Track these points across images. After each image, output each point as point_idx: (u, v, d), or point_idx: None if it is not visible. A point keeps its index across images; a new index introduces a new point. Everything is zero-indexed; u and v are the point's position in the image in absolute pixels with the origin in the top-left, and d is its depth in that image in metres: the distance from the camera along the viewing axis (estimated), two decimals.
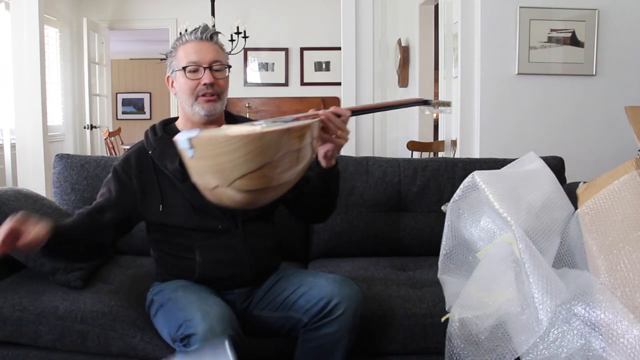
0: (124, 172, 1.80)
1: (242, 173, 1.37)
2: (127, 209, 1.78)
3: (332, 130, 1.63)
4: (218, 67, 1.77)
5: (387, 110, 1.90)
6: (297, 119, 1.57)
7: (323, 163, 1.72)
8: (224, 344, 1.42)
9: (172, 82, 1.81)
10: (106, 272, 2.07)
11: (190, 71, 1.75)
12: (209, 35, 1.77)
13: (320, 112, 1.62)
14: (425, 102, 1.90)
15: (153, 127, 1.88)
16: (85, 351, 1.80)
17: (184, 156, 1.43)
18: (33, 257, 1.89)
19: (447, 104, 1.93)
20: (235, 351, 1.51)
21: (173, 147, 1.79)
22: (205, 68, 1.75)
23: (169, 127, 1.88)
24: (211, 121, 1.81)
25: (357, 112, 1.75)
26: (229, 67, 1.81)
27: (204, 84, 1.74)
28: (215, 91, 1.76)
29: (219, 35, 1.84)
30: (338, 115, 1.64)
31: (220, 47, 1.82)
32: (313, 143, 1.52)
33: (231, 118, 1.93)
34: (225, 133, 1.39)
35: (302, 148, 1.45)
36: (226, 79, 1.80)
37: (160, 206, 1.76)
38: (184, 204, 1.76)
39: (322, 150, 1.69)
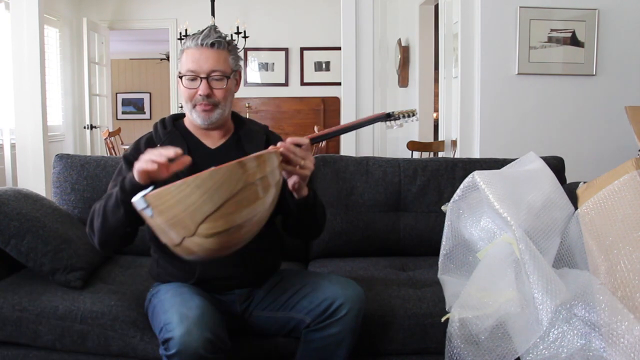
0: (135, 159, 1.77)
1: (202, 217, 1.33)
2: None
3: (293, 161, 1.58)
4: (217, 76, 1.73)
5: (348, 132, 1.84)
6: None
7: (294, 195, 1.68)
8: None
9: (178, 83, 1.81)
10: (106, 272, 2.07)
11: (188, 79, 1.74)
12: (209, 43, 1.72)
13: (279, 144, 1.57)
14: (387, 116, 1.82)
15: (163, 120, 1.88)
16: (85, 351, 1.80)
17: (145, 218, 1.39)
18: (33, 257, 1.89)
19: (412, 113, 1.82)
20: (215, 354, 1.50)
21: (181, 142, 1.80)
22: (202, 78, 1.72)
23: (178, 123, 1.88)
24: (213, 128, 1.81)
25: (316, 139, 1.69)
26: (228, 77, 1.75)
27: (200, 95, 1.73)
28: (211, 102, 1.74)
29: (227, 37, 1.78)
30: (299, 146, 1.60)
31: (229, 51, 1.76)
32: (275, 173, 1.47)
33: (240, 121, 1.91)
34: (178, 182, 1.36)
35: (263, 179, 1.42)
36: (225, 89, 1.75)
37: None
38: None
39: (289, 183, 1.64)
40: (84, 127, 6.50)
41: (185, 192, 1.33)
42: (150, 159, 1.46)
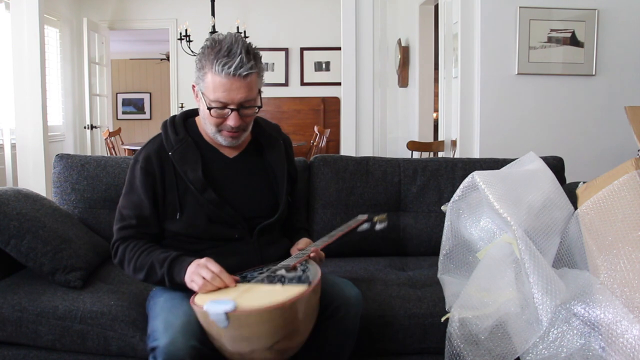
0: (149, 174, 1.72)
1: (281, 337, 1.45)
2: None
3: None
4: (248, 105, 1.66)
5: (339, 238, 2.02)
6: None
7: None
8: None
9: (197, 95, 1.71)
10: (106, 272, 2.07)
11: (217, 108, 1.65)
12: (243, 74, 1.60)
13: (313, 249, 1.73)
14: (367, 221, 2.03)
15: (173, 123, 1.78)
16: (85, 351, 1.80)
17: (216, 323, 1.45)
18: (33, 257, 1.88)
19: (383, 220, 2.06)
20: None
21: (194, 151, 1.73)
22: (233, 109, 1.64)
23: (189, 124, 1.80)
24: (234, 147, 1.79)
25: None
26: (260, 106, 1.69)
27: (230, 125, 1.66)
28: (240, 128, 1.69)
29: (258, 58, 1.66)
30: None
31: (258, 70, 1.65)
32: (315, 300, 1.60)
33: (258, 127, 1.85)
34: (260, 304, 1.44)
35: (318, 300, 1.58)
36: (253, 116, 1.71)
37: (178, 214, 1.71)
38: (201, 215, 1.71)
39: None
40: (84, 127, 6.50)
41: (272, 315, 1.42)
42: (201, 283, 1.54)
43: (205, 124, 1.73)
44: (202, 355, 1.49)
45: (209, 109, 1.65)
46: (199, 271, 1.54)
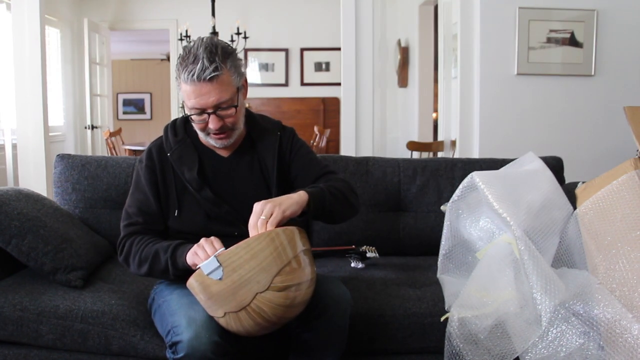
0: (152, 171, 1.77)
1: (277, 269, 1.45)
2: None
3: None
4: (224, 106, 1.65)
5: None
6: None
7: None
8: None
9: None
10: (106, 272, 2.08)
11: (195, 114, 1.67)
12: (207, 77, 1.59)
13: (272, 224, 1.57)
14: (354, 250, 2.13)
15: (174, 125, 1.83)
16: (86, 350, 1.80)
17: (210, 284, 1.45)
18: (34, 257, 1.89)
19: (372, 250, 2.23)
20: (223, 357, 1.51)
21: (192, 151, 1.77)
22: (209, 113, 1.65)
23: (190, 126, 1.82)
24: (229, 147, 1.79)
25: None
26: (236, 106, 1.67)
27: (212, 128, 1.68)
28: (225, 129, 1.70)
29: (228, 55, 1.64)
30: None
31: (229, 68, 1.63)
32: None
33: (251, 120, 1.84)
34: (245, 240, 1.46)
35: (309, 250, 1.57)
36: (235, 115, 1.68)
37: (176, 211, 1.75)
38: (200, 213, 1.74)
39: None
40: (85, 127, 6.51)
41: (261, 245, 1.43)
42: (198, 252, 1.53)
43: (197, 131, 1.76)
44: (223, 350, 1.51)
45: (188, 116, 1.69)
46: (204, 245, 1.54)
